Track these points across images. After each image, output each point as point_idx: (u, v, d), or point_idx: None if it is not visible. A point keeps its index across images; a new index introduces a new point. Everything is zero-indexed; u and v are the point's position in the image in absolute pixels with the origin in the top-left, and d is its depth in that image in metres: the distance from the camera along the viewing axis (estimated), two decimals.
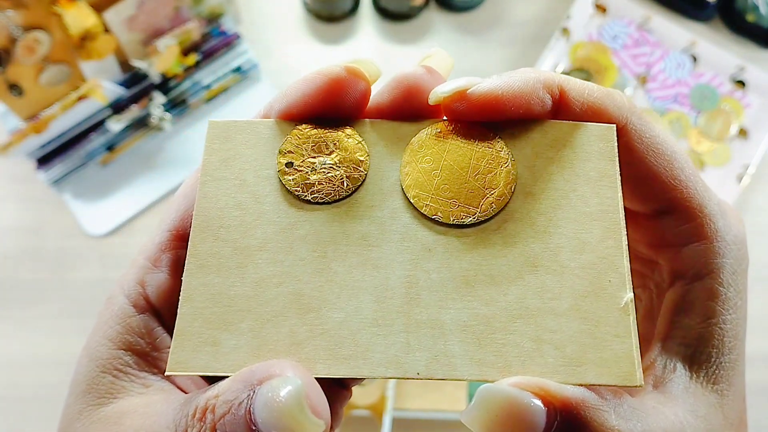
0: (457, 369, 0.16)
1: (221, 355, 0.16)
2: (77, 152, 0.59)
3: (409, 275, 0.17)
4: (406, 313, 0.16)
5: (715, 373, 0.18)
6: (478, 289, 0.17)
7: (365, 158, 0.18)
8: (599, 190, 0.17)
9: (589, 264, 0.17)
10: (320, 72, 0.17)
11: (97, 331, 0.19)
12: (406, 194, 0.18)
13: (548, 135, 0.18)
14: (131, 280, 0.19)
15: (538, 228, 0.17)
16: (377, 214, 0.17)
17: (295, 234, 0.17)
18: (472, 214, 0.17)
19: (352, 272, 0.17)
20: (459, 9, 0.68)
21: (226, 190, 0.18)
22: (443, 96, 0.17)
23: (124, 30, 0.56)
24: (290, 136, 0.18)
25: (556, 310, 0.16)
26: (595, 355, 0.16)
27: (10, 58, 0.50)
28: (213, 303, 0.17)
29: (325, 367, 0.16)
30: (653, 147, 0.18)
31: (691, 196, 0.18)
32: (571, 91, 0.18)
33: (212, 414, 0.15)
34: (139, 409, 0.17)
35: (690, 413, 0.17)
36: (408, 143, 0.18)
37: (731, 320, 0.18)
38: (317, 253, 0.17)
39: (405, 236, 0.17)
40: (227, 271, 0.17)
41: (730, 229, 0.19)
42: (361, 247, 0.17)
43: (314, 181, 0.18)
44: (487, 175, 0.18)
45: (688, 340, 0.18)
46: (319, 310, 0.16)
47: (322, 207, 0.18)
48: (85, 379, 0.18)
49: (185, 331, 0.16)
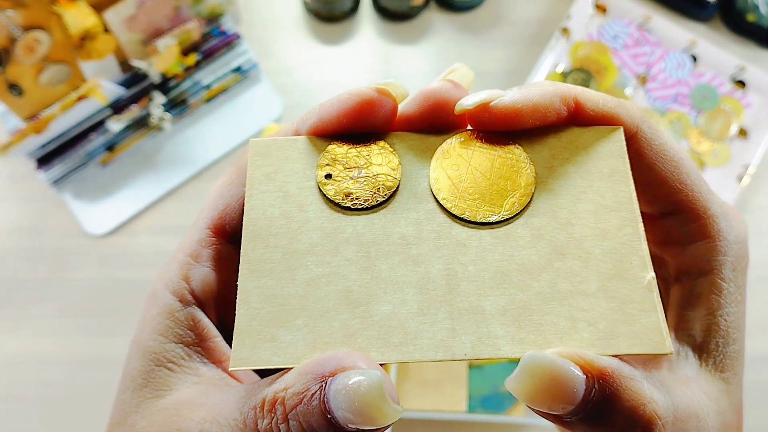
0: (500, 348, 0.17)
1: (280, 349, 0.17)
2: (77, 152, 0.59)
3: (448, 268, 0.18)
4: (448, 302, 0.18)
5: (723, 362, 0.19)
6: (512, 277, 0.18)
7: (397, 167, 0.20)
8: (613, 185, 0.19)
9: (612, 250, 0.18)
10: (352, 93, 0.19)
11: (145, 327, 0.20)
12: (436, 197, 0.19)
13: (563, 138, 0.20)
14: (174, 276, 0.20)
15: (561, 221, 0.19)
16: (413, 216, 0.19)
17: (339, 238, 0.19)
18: (497, 213, 0.19)
19: (395, 269, 0.18)
20: (459, 9, 0.68)
21: (272, 201, 0.19)
22: (468, 108, 0.19)
23: (124, 30, 0.56)
24: (327, 151, 0.20)
25: (585, 292, 0.18)
26: (626, 328, 0.17)
27: (10, 58, 0.50)
28: (268, 303, 0.18)
29: (379, 354, 0.17)
30: (662, 153, 0.20)
31: (696, 199, 0.20)
32: (586, 102, 0.19)
33: (282, 406, 0.16)
34: (195, 399, 0.18)
35: (704, 395, 0.18)
36: (435, 152, 0.20)
37: (733, 313, 0.20)
38: (361, 254, 0.19)
39: (440, 234, 0.19)
40: (279, 274, 0.18)
41: (731, 230, 0.20)
42: (401, 246, 0.19)
43: (352, 189, 0.19)
44: (509, 178, 0.19)
45: (696, 331, 0.20)
46: (368, 304, 0.18)
47: (362, 213, 0.19)
48: (140, 374, 0.19)
49: (244, 330, 0.18)
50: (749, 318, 0.60)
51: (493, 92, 0.19)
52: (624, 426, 0.16)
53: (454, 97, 0.19)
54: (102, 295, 0.58)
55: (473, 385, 0.53)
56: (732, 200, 0.59)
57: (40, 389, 0.56)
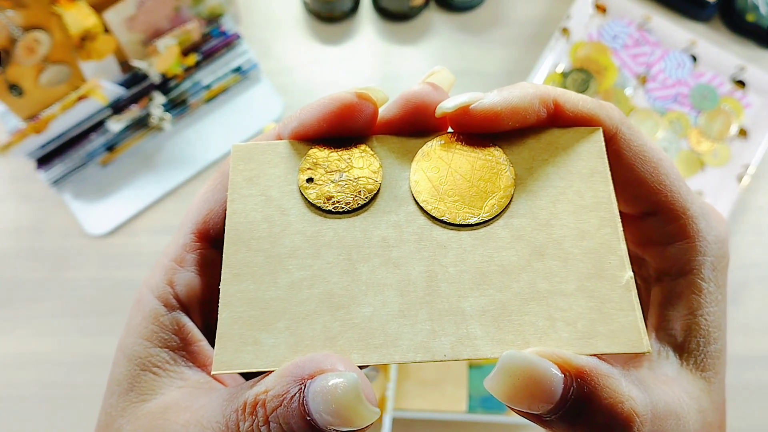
0: (479, 349, 0.17)
1: (262, 352, 0.18)
2: (77, 152, 0.59)
3: (428, 270, 0.18)
4: (428, 304, 0.18)
5: (704, 362, 0.20)
6: (492, 278, 0.18)
7: (378, 170, 0.20)
8: (593, 185, 0.19)
9: (591, 250, 0.18)
10: (332, 98, 0.19)
11: (131, 332, 0.20)
12: (416, 199, 0.19)
13: (542, 140, 0.20)
14: (160, 281, 0.20)
15: (541, 221, 0.19)
16: (393, 218, 0.19)
17: (321, 241, 0.19)
18: (476, 215, 0.19)
19: (375, 271, 0.18)
20: (459, 9, 0.68)
21: (254, 205, 0.19)
22: (448, 111, 0.19)
23: (124, 30, 0.56)
24: (308, 155, 0.20)
25: (564, 292, 0.18)
26: (605, 327, 0.17)
27: (10, 58, 0.50)
28: (250, 307, 0.18)
29: (360, 356, 0.17)
30: (641, 154, 0.20)
31: (675, 200, 0.20)
32: (565, 103, 0.20)
33: (263, 408, 0.16)
34: (181, 402, 0.19)
35: (685, 393, 0.19)
36: (415, 154, 0.20)
37: (713, 312, 0.20)
38: (342, 257, 0.19)
39: (421, 236, 0.19)
40: (261, 277, 0.18)
41: (711, 230, 0.20)
42: (381, 249, 0.19)
43: (334, 193, 0.19)
44: (489, 180, 0.19)
45: (676, 330, 0.20)
46: (349, 306, 0.18)
47: (343, 216, 0.19)
48: (126, 379, 0.19)
49: (227, 334, 0.18)
50: (749, 318, 0.60)
51: (473, 95, 0.19)
52: (603, 424, 0.16)
53: (435, 100, 0.19)
54: (102, 295, 0.58)
55: (473, 385, 0.53)
56: (732, 200, 0.59)
57: (40, 389, 0.56)
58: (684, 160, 0.61)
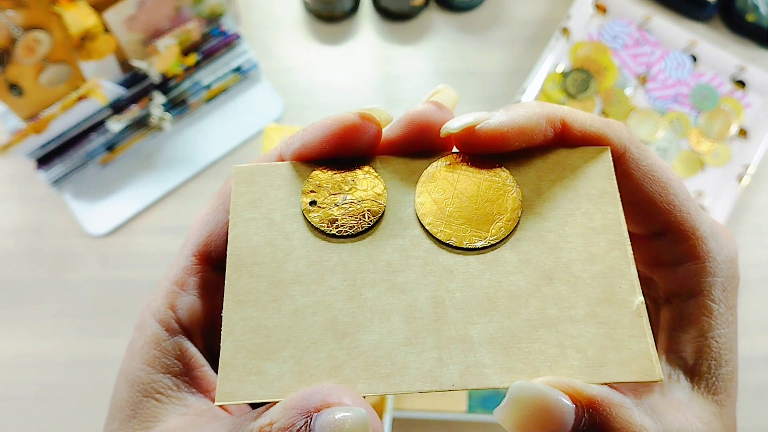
0: (488, 378, 0.17)
1: (266, 382, 0.17)
2: (77, 152, 0.59)
3: (435, 296, 0.18)
4: (436, 331, 0.17)
5: (715, 385, 0.19)
6: (500, 304, 0.18)
7: (382, 192, 0.19)
8: (601, 207, 0.19)
9: (600, 274, 0.18)
10: (335, 118, 0.19)
11: (133, 357, 0.20)
12: (422, 222, 0.19)
13: (549, 160, 0.19)
14: (161, 305, 0.20)
15: (549, 245, 0.18)
16: (399, 242, 0.19)
17: (325, 266, 0.18)
18: (483, 238, 0.19)
19: (381, 297, 0.18)
20: (459, 9, 0.68)
21: (257, 229, 0.19)
22: (453, 131, 0.19)
23: (124, 30, 0.56)
24: (311, 177, 0.20)
25: (574, 318, 0.17)
26: (616, 355, 0.17)
27: (10, 58, 0.50)
28: (254, 335, 0.18)
29: (366, 386, 0.17)
30: (649, 174, 0.20)
31: (684, 220, 0.20)
32: (573, 122, 0.19)
33: None
34: (183, 431, 0.18)
35: (696, 419, 0.18)
36: (420, 176, 0.20)
37: (725, 334, 0.20)
38: (347, 282, 0.18)
39: (427, 261, 0.18)
40: (264, 304, 0.18)
41: (721, 250, 0.20)
42: (387, 274, 0.18)
43: (337, 216, 0.19)
44: (495, 202, 0.19)
45: (687, 353, 0.20)
46: (354, 334, 0.17)
47: (347, 240, 0.19)
48: (128, 405, 0.19)
49: (230, 363, 0.17)
50: (749, 318, 0.60)
51: (479, 115, 0.18)
52: None
53: (439, 119, 0.19)
54: (102, 296, 0.58)
55: None
56: (732, 200, 0.59)
57: (40, 389, 0.56)
58: (684, 160, 0.61)
